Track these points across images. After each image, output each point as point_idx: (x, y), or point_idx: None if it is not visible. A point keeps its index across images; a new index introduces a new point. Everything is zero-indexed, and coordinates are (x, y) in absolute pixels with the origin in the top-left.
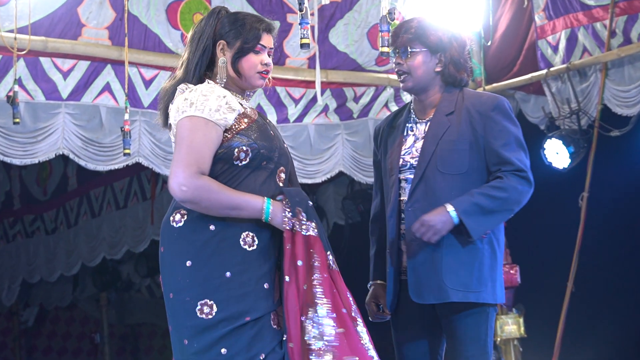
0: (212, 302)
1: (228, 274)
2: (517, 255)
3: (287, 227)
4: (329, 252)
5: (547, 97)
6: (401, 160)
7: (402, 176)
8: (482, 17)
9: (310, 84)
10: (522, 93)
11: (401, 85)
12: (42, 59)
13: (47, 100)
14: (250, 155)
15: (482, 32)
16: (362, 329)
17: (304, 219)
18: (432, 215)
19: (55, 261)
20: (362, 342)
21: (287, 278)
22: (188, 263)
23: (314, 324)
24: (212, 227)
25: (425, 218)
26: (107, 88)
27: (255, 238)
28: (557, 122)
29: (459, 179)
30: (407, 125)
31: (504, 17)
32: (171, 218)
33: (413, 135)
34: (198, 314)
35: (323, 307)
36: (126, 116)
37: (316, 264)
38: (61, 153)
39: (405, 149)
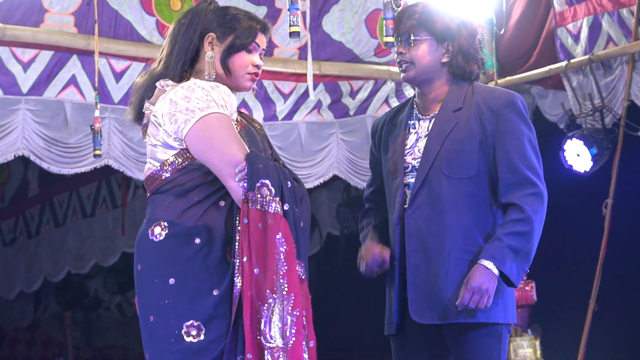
0: (198, 322)
1: (216, 291)
2: (532, 270)
3: (242, 198)
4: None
5: (567, 92)
6: (403, 161)
7: (405, 180)
8: (494, 2)
9: (301, 77)
10: (539, 88)
11: (402, 75)
12: None
13: (5, 95)
14: None
15: (495, 19)
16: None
17: (269, 194)
18: (476, 278)
19: (13, 276)
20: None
21: (244, 258)
22: (171, 281)
23: (275, 316)
24: (197, 241)
25: (473, 285)
26: (72, 81)
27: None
28: (578, 120)
29: (467, 184)
30: (410, 122)
31: (518, 3)
32: (149, 231)
33: (415, 133)
34: (185, 337)
35: (288, 301)
36: (96, 113)
37: (281, 249)
38: (21, 154)
39: (406, 148)
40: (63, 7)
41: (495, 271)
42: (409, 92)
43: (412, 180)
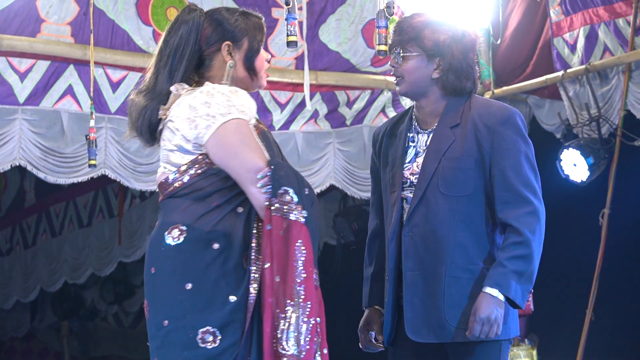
0: (214, 329)
1: (232, 298)
2: None
3: (265, 204)
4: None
5: (563, 101)
6: (402, 175)
7: (403, 194)
8: (490, 12)
9: (297, 87)
10: (536, 97)
11: (396, 88)
12: None
13: (2, 105)
14: None
15: (491, 29)
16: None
17: (290, 201)
18: (484, 309)
19: (10, 286)
20: None
21: (266, 265)
22: (188, 286)
23: (291, 325)
24: (215, 246)
25: (482, 316)
26: (69, 91)
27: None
28: (574, 129)
29: (463, 202)
30: (409, 134)
31: (515, 13)
32: (166, 234)
33: (414, 147)
34: (200, 344)
35: (304, 309)
36: (92, 123)
37: (301, 256)
38: (17, 164)
39: (405, 163)
40: (60, 17)
41: (501, 297)
42: (406, 102)
43: (410, 195)
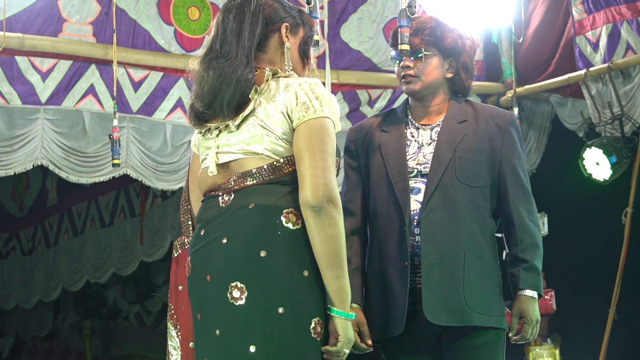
0: (322, 320)
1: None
2: (552, 278)
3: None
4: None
5: (586, 100)
6: (407, 166)
7: (411, 183)
8: (513, 10)
9: None
10: (558, 96)
11: (405, 87)
12: (18, 58)
13: (24, 105)
14: None
15: (513, 28)
16: None
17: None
18: (532, 311)
19: (32, 285)
20: None
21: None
22: (305, 273)
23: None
24: None
25: (533, 318)
26: (91, 91)
27: None
28: (597, 128)
29: (476, 192)
30: (406, 130)
31: (537, 11)
32: (283, 218)
33: (415, 141)
34: (312, 334)
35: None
36: (115, 122)
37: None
38: (40, 164)
39: (409, 154)
40: (81, 17)
41: (536, 296)
42: None
43: (418, 185)
